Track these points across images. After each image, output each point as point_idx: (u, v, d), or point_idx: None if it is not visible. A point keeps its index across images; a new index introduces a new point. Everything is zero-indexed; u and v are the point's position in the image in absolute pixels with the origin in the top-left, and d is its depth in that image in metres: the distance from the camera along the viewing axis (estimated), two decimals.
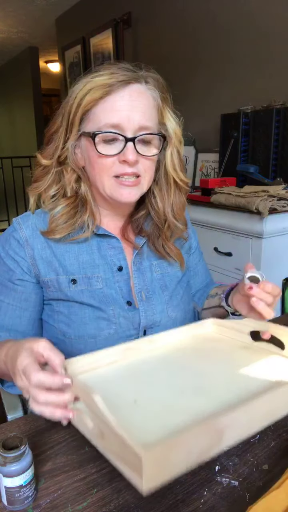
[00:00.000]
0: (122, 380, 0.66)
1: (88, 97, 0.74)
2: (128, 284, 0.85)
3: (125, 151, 0.74)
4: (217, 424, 0.48)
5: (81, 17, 3.85)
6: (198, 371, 0.68)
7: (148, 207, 0.87)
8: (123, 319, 0.82)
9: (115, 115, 0.74)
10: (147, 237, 0.88)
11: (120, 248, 0.85)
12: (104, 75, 0.73)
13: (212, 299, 0.97)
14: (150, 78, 0.78)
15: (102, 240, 0.85)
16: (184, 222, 0.91)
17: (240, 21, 2.26)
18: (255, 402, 0.52)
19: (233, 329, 0.81)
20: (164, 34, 2.84)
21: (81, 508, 0.50)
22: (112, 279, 0.84)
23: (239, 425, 0.51)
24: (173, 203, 0.86)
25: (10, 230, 0.83)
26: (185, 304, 0.92)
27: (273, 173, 1.94)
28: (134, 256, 0.87)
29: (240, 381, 0.64)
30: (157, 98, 0.78)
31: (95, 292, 0.82)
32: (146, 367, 0.70)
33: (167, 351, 0.76)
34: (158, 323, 0.86)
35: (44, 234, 0.80)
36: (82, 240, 0.83)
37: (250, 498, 0.50)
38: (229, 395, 0.59)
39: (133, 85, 0.75)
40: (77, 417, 0.55)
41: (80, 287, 0.81)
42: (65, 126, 0.78)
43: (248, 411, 0.51)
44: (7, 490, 0.50)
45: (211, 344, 0.79)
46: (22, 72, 5.81)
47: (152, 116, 0.77)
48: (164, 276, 0.90)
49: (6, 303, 0.82)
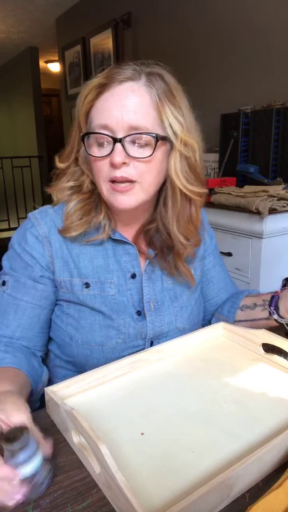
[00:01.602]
0: (125, 403, 0.65)
1: (86, 99, 0.72)
2: (140, 292, 0.83)
3: (112, 153, 0.70)
4: (227, 481, 0.47)
5: (81, 17, 3.85)
6: (206, 392, 0.67)
7: (157, 219, 0.81)
8: (132, 329, 0.81)
9: (104, 115, 0.70)
10: (157, 252, 0.84)
11: (135, 255, 0.83)
12: (102, 75, 0.72)
13: (251, 310, 0.89)
14: (153, 75, 0.72)
15: (117, 245, 0.82)
16: (195, 240, 0.83)
17: (240, 21, 2.26)
18: (267, 451, 0.50)
19: (244, 337, 0.81)
20: (164, 34, 2.83)
21: (81, 508, 0.50)
22: (125, 286, 0.82)
23: (250, 474, 0.50)
24: (179, 215, 0.79)
25: (27, 225, 0.80)
26: (194, 316, 0.89)
27: (273, 173, 1.93)
28: (147, 265, 0.84)
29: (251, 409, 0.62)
30: (155, 96, 0.71)
31: (107, 298, 0.80)
32: (153, 385, 0.69)
33: (175, 364, 0.75)
34: (165, 334, 0.84)
35: (61, 232, 0.78)
36: (98, 243, 0.81)
37: (250, 498, 0.50)
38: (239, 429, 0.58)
39: (126, 83, 0.70)
40: (81, 453, 0.55)
41: (93, 291, 0.79)
42: (77, 130, 0.77)
43: (260, 460, 0.50)
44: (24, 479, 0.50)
45: (221, 355, 0.78)
46: (22, 72, 5.81)
47: (146, 115, 0.70)
48: (175, 287, 0.87)
49: (24, 302, 0.78)
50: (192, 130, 0.76)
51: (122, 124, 0.69)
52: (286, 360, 0.72)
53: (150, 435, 0.58)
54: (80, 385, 0.68)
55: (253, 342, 0.78)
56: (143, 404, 0.64)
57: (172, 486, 0.49)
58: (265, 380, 0.70)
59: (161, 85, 0.72)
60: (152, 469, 0.52)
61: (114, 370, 0.71)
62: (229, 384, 0.69)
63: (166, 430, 0.58)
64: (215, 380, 0.70)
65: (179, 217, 0.79)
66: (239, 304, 0.92)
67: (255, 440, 0.56)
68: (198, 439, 0.56)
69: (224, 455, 0.53)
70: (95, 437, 0.48)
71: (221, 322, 0.87)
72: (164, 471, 0.51)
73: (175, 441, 0.56)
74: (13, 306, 0.78)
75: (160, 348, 0.77)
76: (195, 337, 0.82)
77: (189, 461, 0.53)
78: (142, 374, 0.72)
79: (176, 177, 0.75)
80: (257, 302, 0.89)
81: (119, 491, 0.44)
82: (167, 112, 0.72)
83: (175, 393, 0.67)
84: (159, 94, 0.71)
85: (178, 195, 0.77)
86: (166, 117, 0.72)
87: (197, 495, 0.44)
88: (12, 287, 0.78)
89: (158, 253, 0.84)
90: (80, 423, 0.51)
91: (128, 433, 0.58)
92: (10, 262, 0.80)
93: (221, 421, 0.60)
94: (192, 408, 0.63)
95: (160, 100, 0.71)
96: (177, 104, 0.73)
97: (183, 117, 0.73)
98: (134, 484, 0.49)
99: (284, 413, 0.61)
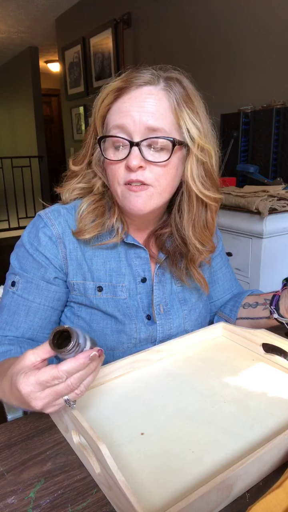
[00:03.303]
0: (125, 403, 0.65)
1: (104, 102, 0.73)
2: (149, 296, 0.83)
3: (129, 157, 0.70)
4: (227, 481, 0.47)
5: (81, 17, 3.85)
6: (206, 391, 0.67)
7: (172, 224, 0.81)
8: (143, 334, 0.81)
9: (121, 116, 0.70)
10: (167, 256, 0.84)
11: (146, 259, 0.83)
12: (120, 79, 0.72)
13: (252, 309, 0.89)
14: (172, 80, 0.72)
15: (129, 249, 0.82)
16: (210, 245, 0.83)
17: (240, 21, 2.26)
18: (267, 451, 0.50)
19: (244, 337, 0.81)
20: (164, 34, 2.83)
21: (81, 508, 0.50)
22: (135, 291, 0.82)
23: (250, 474, 0.50)
24: (195, 220, 0.78)
25: (40, 224, 0.78)
26: (202, 318, 0.90)
27: (273, 173, 1.94)
28: (157, 268, 0.84)
29: (251, 409, 0.62)
30: (174, 100, 0.71)
31: (119, 302, 0.79)
32: (153, 385, 0.69)
33: (175, 364, 0.75)
34: (174, 336, 0.84)
35: (75, 234, 0.77)
36: (111, 246, 0.80)
37: (250, 498, 0.50)
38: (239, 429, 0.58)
39: (144, 87, 0.70)
40: (81, 453, 0.55)
41: (105, 295, 0.79)
42: (92, 133, 0.77)
43: (260, 460, 0.50)
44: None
45: (221, 355, 0.78)
46: (22, 72, 5.81)
47: (164, 118, 0.70)
48: (184, 289, 0.87)
49: (37, 303, 0.77)
50: (209, 136, 0.76)
51: (139, 125, 0.69)
52: (286, 360, 0.72)
53: (150, 435, 0.58)
54: None
55: (253, 342, 0.78)
56: (143, 404, 0.64)
57: (172, 486, 0.49)
58: (265, 380, 0.70)
59: (179, 90, 0.72)
60: (152, 468, 0.52)
61: (114, 370, 0.71)
62: (229, 384, 0.69)
63: (166, 430, 0.58)
64: (215, 380, 0.70)
65: (194, 222, 0.79)
66: (241, 303, 0.92)
67: (255, 440, 0.56)
68: (198, 439, 0.56)
69: (224, 455, 0.53)
70: (95, 437, 0.48)
71: (221, 322, 0.87)
72: (164, 471, 0.51)
73: (175, 441, 0.56)
74: (24, 308, 0.77)
75: (160, 348, 0.77)
76: (195, 337, 0.82)
77: (189, 461, 0.53)
78: (142, 374, 0.72)
79: (192, 182, 0.75)
80: (258, 301, 0.89)
81: (119, 491, 0.44)
82: (185, 116, 0.72)
83: (175, 393, 0.67)
84: (177, 99, 0.71)
85: (194, 200, 0.77)
86: (184, 121, 0.72)
87: (197, 495, 0.44)
88: (23, 288, 0.77)
89: (169, 257, 0.84)
90: (80, 423, 0.51)
91: (128, 433, 0.58)
92: (20, 262, 0.78)
93: (221, 421, 0.60)
94: (192, 408, 0.63)
95: (178, 104, 0.71)
96: (195, 110, 0.73)
97: (201, 122, 0.73)
98: (134, 484, 0.49)
99: (284, 413, 0.61)
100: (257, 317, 0.88)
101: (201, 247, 0.80)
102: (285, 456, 0.54)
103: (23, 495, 0.51)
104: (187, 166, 0.75)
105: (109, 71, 3.60)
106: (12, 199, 5.41)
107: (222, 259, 0.97)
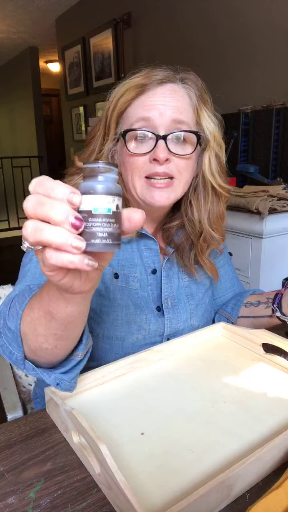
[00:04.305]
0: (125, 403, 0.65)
1: (122, 99, 0.73)
2: (159, 288, 0.84)
3: (156, 149, 0.71)
4: (227, 481, 0.47)
5: (81, 17, 3.85)
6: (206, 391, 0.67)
7: (183, 217, 0.83)
8: (153, 326, 0.82)
9: (146, 110, 0.72)
10: (176, 249, 0.85)
11: (156, 251, 0.84)
12: (140, 76, 0.73)
13: (254, 307, 0.91)
14: (187, 80, 0.76)
15: (140, 240, 0.83)
16: (222, 233, 0.86)
17: (240, 21, 2.26)
18: (267, 451, 0.50)
19: (244, 337, 0.81)
20: (164, 34, 2.84)
21: (81, 508, 0.50)
22: (146, 282, 0.83)
23: (250, 474, 0.50)
24: (210, 211, 0.82)
25: None
26: (208, 313, 0.91)
27: (273, 173, 1.94)
28: (165, 262, 0.85)
29: (251, 409, 0.62)
30: (194, 97, 0.75)
31: (131, 292, 0.81)
32: (153, 385, 0.69)
33: (175, 364, 0.75)
34: (181, 331, 0.85)
35: None
36: (126, 240, 0.81)
37: (250, 498, 0.50)
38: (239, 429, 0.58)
39: (167, 85, 0.73)
40: (81, 453, 0.55)
41: (120, 283, 0.80)
42: (103, 130, 0.78)
43: (260, 460, 0.50)
44: (84, 214, 0.37)
45: (221, 355, 0.78)
46: (22, 72, 5.81)
47: (187, 113, 0.74)
48: (191, 284, 0.88)
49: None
50: (222, 130, 0.81)
51: (165, 119, 0.72)
52: (286, 360, 0.72)
53: (150, 435, 0.58)
54: (80, 385, 0.67)
55: (253, 342, 0.78)
56: (143, 404, 0.64)
57: (172, 486, 0.49)
58: (265, 380, 0.70)
59: (196, 89, 0.76)
60: (152, 469, 0.52)
61: (114, 370, 0.71)
62: (229, 384, 0.68)
63: (166, 430, 0.58)
64: (215, 380, 0.70)
65: (210, 213, 0.82)
66: (243, 302, 0.93)
67: (255, 440, 0.56)
68: (198, 439, 0.56)
69: (224, 455, 0.53)
70: (95, 437, 0.48)
71: (222, 322, 0.87)
72: (164, 471, 0.51)
73: (175, 441, 0.56)
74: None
75: (160, 348, 0.77)
76: (195, 337, 0.82)
77: (189, 461, 0.53)
78: (142, 374, 0.72)
79: (210, 174, 0.79)
80: (261, 299, 0.90)
81: (119, 491, 0.44)
82: (204, 114, 0.77)
83: (175, 393, 0.67)
84: (197, 98, 0.76)
85: (209, 192, 0.81)
86: (204, 118, 0.77)
87: (197, 495, 0.44)
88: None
89: (178, 251, 0.86)
90: (80, 423, 0.51)
91: (128, 433, 0.58)
92: None
93: (221, 421, 0.60)
94: (192, 408, 0.63)
95: (198, 103, 0.76)
96: (210, 107, 0.78)
97: (216, 118, 0.79)
98: (134, 484, 0.49)
99: (284, 413, 0.61)
100: (259, 316, 0.89)
101: (217, 235, 0.84)
102: (285, 456, 0.54)
103: (23, 495, 0.51)
104: (205, 160, 0.78)
105: (109, 71, 3.60)
106: (12, 199, 5.41)
107: (224, 257, 0.99)
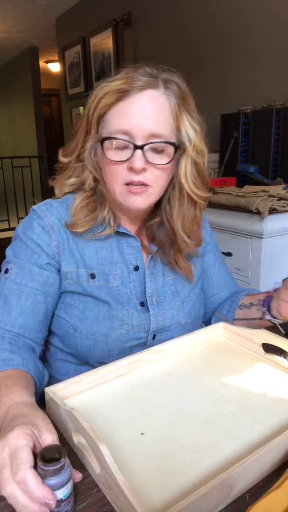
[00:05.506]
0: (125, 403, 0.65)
1: (103, 101, 0.74)
2: (142, 285, 0.85)
3: (133, 159, 0.73)
4: (227, 481, 0.47)
5: (81, 17, 3.85)
6: (206, 391, 0.67)
7: (162, 215, 0.84)
8: (136, 321, 0.82)
9: (125, 121, 0.72)
10: (159, 246, 0.87)
11: (137, 248, 0.85)
12: (121, 79, 0.73)
13: (247, 310, 0.90)
14: (170, 83, 0.75)
15: (120, 238, 0.84)
16: (197, 238, 0.86)
17: (240, 21, 2.26)
18: (267, 451, 0.50)
19: (244, 337, 0.81)
20: (164, 34, 2.84)
21: (81, 508, 0.50)
22: (128, 278, 0.84)
23: (250, 474, 0.50)
24: (184, 215, 0.82)
25: (33, 216, 0.81)
26: (196, 311, 0.91)
27: (273, 173, 1.93)
28: (149, 260, 0.86)
29: (251, 409, 0.62)
30: (174, 104, 0.75)
31: (111, 290, 0.81)
32: (153, 385, 0.69)
33: (175, 364, 0.75)
34: (167, 328, 0.85)
35: (68, 227, 0.80)
36: (103, 238, 0.83)
37: (250, 498, 0.50)
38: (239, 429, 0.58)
39: (147, 91, 0.73)
40: (81, 453, 0.55)
41: (98, 282, 0.81)
42: (84, 128, 0.79)
43: (260, 460, 0.50)
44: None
45: (221, 355, 0.78)
46: (22, 72, 5.81)
47: (165, 123, 0.74)
48: (176, 282, 0.88)
49: (29, 288, 0.78)
50: (203, 136, 0.79)
51: (143, 131, 0.72)
52: (286, 360, 0.72)
53: (150, 435, 0.58)
54: (80, 385, 0.68)
55: (253, 342, 0.78)
56: (143, 404, 0.64)
57: (172, 486, 0.49)
58: (265, 380, 0.70)
59: (177, 93, 0.75)
60: (152, 469, 0.52)
61: (114, 370, 0.71)
62: (229, 384, 0.69)
63: (166, 430, 0.58)
64: (215, 380, 0.70)
65: (183, 217, 0.82)
66: (238, 303, 0.93)
67: (255, 440, 0.56)
68: (198, 439, 0.56)
69: (224, 455, 0.53)
70: (95, 437, 0.48)
71: (221, 322, 0.87)
72: (164, 471, 0.51)
73: (175, 441, 0.56)
74: (16, 292, 0.77)
75: (160, 348, 0.77)
76: (195, 337, 0.82)
77: (189, 461, 0.53)
78: (142, 374, 0.72)
79: (185, 181, 0.79)
80: (253, 301, 0.90)
81: (119, 491, 0.44)
82: (184, 120, 0.76)
83: (175, 393, 0.67)
84: (177, 103, 0.75)
85: (185, 197, 0.81)
86: (184, 125, 0.76)
87: (197, 495, 0.44)
88: (16, 273, 0.78)
89: (160, 248, 0.87)
90: (80, 423, 0.51)
91: (128, 433, 0.58)
92: (14, 250, 0.81)
93: (221, 421, 0.60)
94: (192, 408, 0.63)
95: (178, 108, 0.75)
96: (191, 111, 0.77)
97: (197, 124, 0.78)
98: (134, 484, 0.49)
99: (284, 413, 0.61)
100: (251, 318, 0.89)
101: (188, 240, 0.84)
102: (285, 456, 0.54)
103: None
104: (181, 165, 0.78)
105: (109, 71, 3.60)
106: (12, 199, 5.41)
107: (214, 255, 0.99)
